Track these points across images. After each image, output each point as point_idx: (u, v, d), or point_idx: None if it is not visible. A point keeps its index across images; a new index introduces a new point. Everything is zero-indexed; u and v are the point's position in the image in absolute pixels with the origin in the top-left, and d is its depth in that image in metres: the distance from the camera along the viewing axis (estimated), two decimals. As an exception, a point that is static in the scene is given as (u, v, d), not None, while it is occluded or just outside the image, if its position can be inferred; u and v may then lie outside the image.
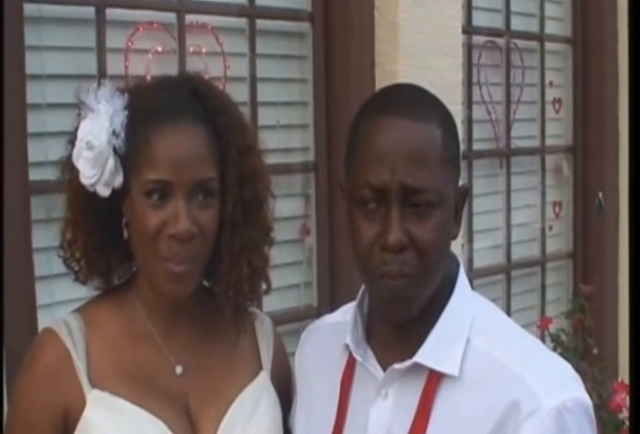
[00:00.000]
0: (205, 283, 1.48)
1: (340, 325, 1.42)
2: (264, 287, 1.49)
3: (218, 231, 1.40)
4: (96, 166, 1.36)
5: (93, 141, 1.35)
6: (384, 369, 1.32)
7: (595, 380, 3.03)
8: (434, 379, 1.28)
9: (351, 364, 1.38)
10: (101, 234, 1.42)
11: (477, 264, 3.38)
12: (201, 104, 1.40)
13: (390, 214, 1.24)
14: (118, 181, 1.37)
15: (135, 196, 1.37)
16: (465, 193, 1.35)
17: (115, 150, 1.36)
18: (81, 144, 1.37)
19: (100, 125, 1.36)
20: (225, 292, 1.44)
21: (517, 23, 3.57)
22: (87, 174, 1.37)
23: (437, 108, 1.32)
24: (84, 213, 1.41)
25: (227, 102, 1.45)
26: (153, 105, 1.38)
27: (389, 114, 1.27)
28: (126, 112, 1.36)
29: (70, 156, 1.40)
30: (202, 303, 1.47)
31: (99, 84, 1.40)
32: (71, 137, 1.41)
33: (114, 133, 1.36)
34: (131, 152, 1.36)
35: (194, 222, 1.35)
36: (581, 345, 3.25)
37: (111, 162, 1.36)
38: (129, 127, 1.36)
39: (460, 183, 1.34)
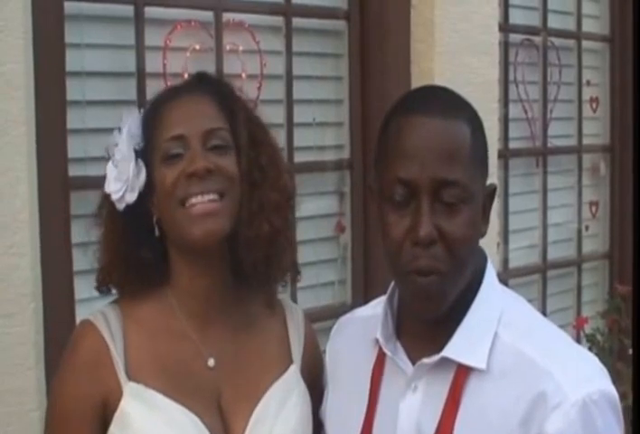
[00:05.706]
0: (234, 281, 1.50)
1: (371, 318, 1.43)
2: (291, 272, 1.53)
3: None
4: (122, 174, 1.41)
5: (117, 155, 1.42)
6: (414, 363, 1.33)
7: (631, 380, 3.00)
8: (462, 372, 1.29)
9: (381, 358, 1.39)
10: (138, 251, 1.45)
11: (513, 264, 3.36)
12: (208, 83, 1.50)
13: (421, 208, 1.25)
14: (142, 179, 1.41)
15: (157, 167, 1.41)
16: (494, 192, 1.36)
17: (135, 151, 1.41)
18: (111, 172, 1.43)
19: (122, 147, 1.42)
20: (247, 252, 1.45)
21: (554, 21, 3.54)
22: (114, 189, 1.41)
23: (466, 109, 1.34)
24: (120, 237, 1.44)
25: (232, 84, 1.53)
26: (162, 94, 1.48)
27: (418, 112, 1.29)
28: (141, 116, 1.44)
29: (100, 207, 1.47)
30: (234, 298, 1.49)
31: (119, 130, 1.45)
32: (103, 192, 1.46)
33: (131, 136, 1.42)
34: (148, 137, 1.42)
35: (211, 163, 1.39)
36: (617, 346, 3.22)
37: (132, 164, 1.40)
38: (144, 123, 1.43)
39: (488, 182, 1.35)
